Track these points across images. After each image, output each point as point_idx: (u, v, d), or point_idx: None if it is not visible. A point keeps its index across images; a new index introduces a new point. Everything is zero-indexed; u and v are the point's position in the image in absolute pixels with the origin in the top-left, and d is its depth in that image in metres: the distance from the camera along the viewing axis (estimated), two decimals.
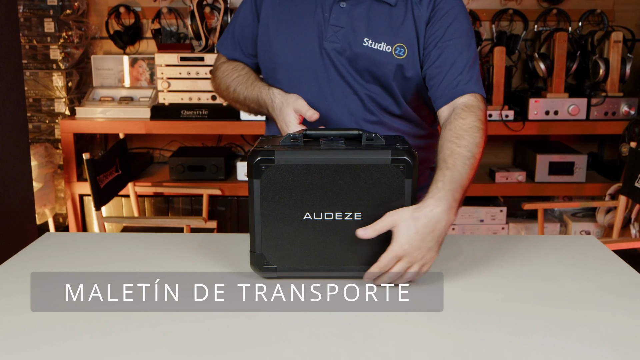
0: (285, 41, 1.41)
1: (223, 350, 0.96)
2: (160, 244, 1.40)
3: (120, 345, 0.96)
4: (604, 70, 3.00)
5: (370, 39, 1.35)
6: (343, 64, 1.38)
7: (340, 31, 1.36)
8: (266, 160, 1.13)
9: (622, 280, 1.22)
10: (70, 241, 1.44)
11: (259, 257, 1.17)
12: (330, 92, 1.40)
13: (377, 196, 1.14)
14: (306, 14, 1.39)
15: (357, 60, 1.37)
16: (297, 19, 1.40)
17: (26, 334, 1.00)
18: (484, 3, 3.36)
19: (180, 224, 2.51)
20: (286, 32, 1.41)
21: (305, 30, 1.39)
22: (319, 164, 1.13)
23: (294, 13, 1.41)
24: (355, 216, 1.15)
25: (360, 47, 1.36)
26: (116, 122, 3.09)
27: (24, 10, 3.13)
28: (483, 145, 1.26)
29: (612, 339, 0.98)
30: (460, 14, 1.37)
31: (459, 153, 1.21)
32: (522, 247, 1.38)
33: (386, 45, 1.35)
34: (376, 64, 1.36)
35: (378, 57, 1.36)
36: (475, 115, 1.29)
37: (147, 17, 3.42)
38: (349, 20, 1.36)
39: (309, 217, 1.16)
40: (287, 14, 1.41)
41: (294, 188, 1.14)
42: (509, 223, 3.22)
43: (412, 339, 0.99)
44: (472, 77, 1.34)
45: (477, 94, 1.34)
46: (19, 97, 2.27)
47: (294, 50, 1.40)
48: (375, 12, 1.37)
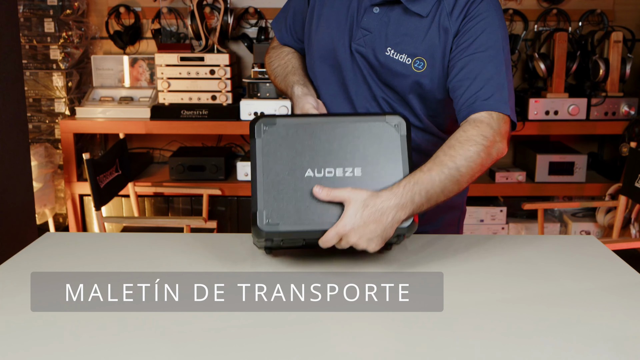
0: (323, 35, 1.43)
1: (223, 350, 0.96)
2: (160, 244, 1.40)
3: (120, 345, 0.96)
4: (604, 70, 3.00)
5: (393, 49, 1.34)
6: (366, 67, 1.39)
7: (368, 36, 1.37)
8: (268, 122, 1.19)
9: (622, 280, 1.22)
10: (70, 241, 1.44)
11: (261, 214, 1.17)
12: (355, 91, 1.42)
13: (376, 152, 1.19)
14: (343, 10, 1.41)
15: (377, 68, 1.37)
16: (335, 15, 1.42)
17: (26, 334, 1.00)
18: None
19: (180, 224, 2.51)
20: (324, 26, 1.43)
21: (339, 27, 1.41)
22: (318, 122, 1.20)
23: (334, 8, 1.43)
24: (355, 172, 1.18)
25: (382, 56, 1.35)
26: (116, 122, 3.09)
27: (24, 10, 3.13)
28: (479, 162, 1.20)
29: (612, 339, 0.98)
30: (493, 24, 1.29)
31: (441, 161, 1.19)
32: (522, 247, 1.38)
33: (407, 57, 1.33)
34: (395, 75, 1.36)
35: (397, 68, 1.34)
36: (479, 130, 1.22)
37: (147, 17, 3.42)
38: (378, 26, 1.36)
39: (311, 174, 1.18)
40: (328, 8, 1.44)
41: (295, 145, 1.18)
42: (509, 223, 3.22)
43: (412, 339, 0.99)
44: (494, 93, 1.25)
45: (494, 112, 1.24)
46: (19, 97, 2.27)
47: (329, 45, 1.43)
48: (404, 22, 1.34)
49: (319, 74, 1.48)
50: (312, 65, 1.50)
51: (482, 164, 1.21)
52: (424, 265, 1.28)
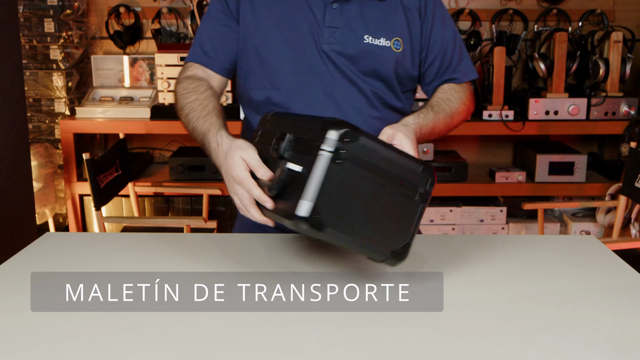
0: (283, 46, 1.38)
1: (223, 350, 0.96)
2: (160, 244, 1.40)
3: (120, 345, 0.96)
4: (604, 70, 3.00)
5: (370, 36, 1.37)
6: (344, 63, 1.38)
7: (337, 32, 1.37)
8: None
9: (622, 280, 1.22)
10: (70, 241, 1.44)
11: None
12: (337, 92, 1.40)
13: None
14: (296, 16, 1.38)
15: (359, 58, 1.38)
16: (290, 22, 1.38)
17: (26, 334, 1.00)
18: (484, 3, 3.36)
19: (180, 224, 2.50)
20: (281, 37, 1.38)
21: (300, 33, 1.38)
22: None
23: (285, 16, 1.38)
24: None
25: (361, 45, 1.37)
26: (116, 122, 3.09)
27: (24, 10, 3.14)
28: (463, 114, 1.46)
29: (612, 339, 0.98)
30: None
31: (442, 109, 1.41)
32: (522, 247, 1.38)
33: (385, 40, 1.38)
34: (378, 60, 1.38)
35: (379, 52, 1.38)
36: (464, 92, 1.48)
37: (147, 17, 3.42)
38: (344, 20, 1.37)
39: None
40: (275, 18, 1.39)
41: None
42: (509, 223, 3.22)
43: (412, 339, 0.99)
44: (462, 59, 1.48)
45: (469, 79, 1.50)
46: (19, 97, 2.27)
47: (294, 54, 1.38)
48: (368, 9, 1.38)
49: (286, 88, 1.40)
50: (271, 82, 1.41)
51: (465, 115, 1.47)
52: (424, 265, 1.28)
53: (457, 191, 3.10)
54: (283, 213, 1.07)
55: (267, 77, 1.41)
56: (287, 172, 1.08)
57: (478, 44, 3.26)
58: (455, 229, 3.18)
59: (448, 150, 3.43)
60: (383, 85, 1.42)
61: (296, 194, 1.04)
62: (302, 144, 1.09)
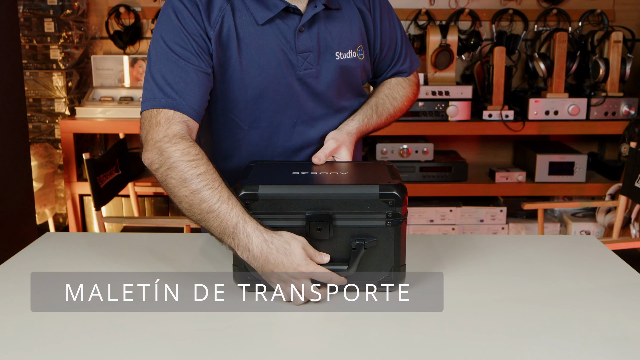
0: (261, 76, 1.30)
1: (223, 350, 0.96)
2: (160, 244, 1.40)
3: (120, 345, 0.96)
4: (604, 70, 3.00)
5: (340, 51, 1.37)
6: (324, 83, 1.36)
7: (309, 56, 1.33)
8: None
9: (622, 280, 1.22)
10: (70, 241, 1.44)
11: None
12: (316, 113, 1.39)
13: None
14: (270, 48, 1.29)
15: (333, 76, 1.36)
16: (263, 57, 1.29)
17: (26, 334, 1.00)
18: (484, 3, 3.36)
19: (180, 224, 2.50)
20: (257, 67, 1.29)
21: (276, 62, 1.30)
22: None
23: (260, 46, 1.29)
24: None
25: (334, 62, 1.35)
26: (116, 122, 3.08)
27: (24, 10, 3.13)
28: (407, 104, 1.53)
29: (612, 339, 0.98)
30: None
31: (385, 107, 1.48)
32: (522, 247, 1.38)
33: (352, 52, 1.39)
34: (349, 72, 1.39)
35: (349, 64, 1.38)
36: (410, 87, 1.54)
37: (147, 17, 3.41)
38: (313, 43, 1.33)
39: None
40: (250, 48, 1.29)
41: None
42: (509, 223, 3.22)
43: (412, 339, 0.99)
44: (408, 52, 1.52)
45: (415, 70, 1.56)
46: (19, 97, 2.27)
47: (274, 84, 1.31)
48: (330, 25, 1.35)
49: (265, 116, 1.35)
50: (254, 109, 1.34)
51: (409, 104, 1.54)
52: (424, 265, 1.28)
53: (457, 191, 3.10)
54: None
55: (251, 106, 1.33)
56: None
57: (478, 44, 3.26)
58: (455, 229, 3.19)
59: (448, 150, 3.43)
60: (355, 95, 1.45)
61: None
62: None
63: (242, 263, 1.12)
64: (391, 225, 1.11)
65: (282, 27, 1.30)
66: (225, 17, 1.27)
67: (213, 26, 1.25)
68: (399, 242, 1.12)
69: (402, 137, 3.16)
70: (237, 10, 1.28)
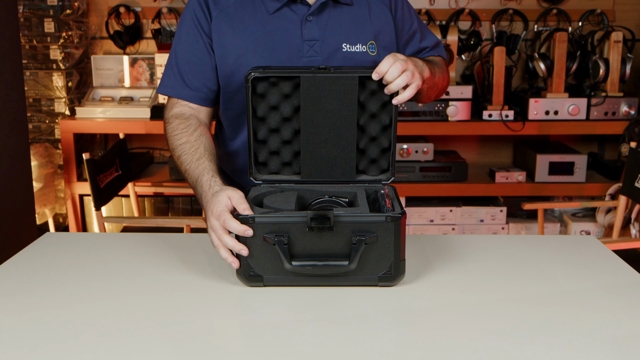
0: (268, 62, 1.37)
1: (223, 350, 0.96)
2: (160, 244, 1.41)
3: (120, 345, 0.96)
4: (604, 70, 3.00)
5: (348, 44, 1.40)
6: None
7: (315, 44, 1.38)
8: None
9: (622, 280, 1.22)
10: (70, 241, 1.44)
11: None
12: None
13: None
14: (279, 32, 1.37)
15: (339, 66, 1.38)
16: (273, 39, 1.37)
17: (26, 334, 1.00)
18: (484, 3, 3.36)
19: (180, 224, 2.51)
20: (264, 53, 1.37)
21: (283, 48, 1.37)
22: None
23: (268, 33, 1.37)
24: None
25: (340, 53, 1.39)
26: (116, 122, 3.09)
27: (24, 10, 3.13)
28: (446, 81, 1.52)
29: (612, 339, 0.98)
30: None
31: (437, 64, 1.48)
32: (522, 247, 1.39)
33: (362, 46, 1.41)
34: (356, 65, 1.40)
35: (357, 58, 1.40)
36: (444, 66, 1.54)
37: (147, 17, 3.42)
38: (320, 32, 1.38)
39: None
40: (252, 39, 1.37)
41: None
42: (509, 223, 3.22)
43: (412, 338, 0.99)
44: (426, 33, 1.55)
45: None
46: (19, 97, 2.27)
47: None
48: (342, 17, 1.40)
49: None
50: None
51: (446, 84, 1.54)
52: (424, 265, 1.28)
53: (457, 191, 3.10)
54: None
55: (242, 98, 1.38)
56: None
57: (478, 44, 3.26)
58: (455, 229, 3.19)
59: (448, 150, 3.43)
60: None
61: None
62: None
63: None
64: (391, 220, 1.12)
65: (290, 15, 1.38)
66: (234, 6, 1.39)
67: (219, 15, 1.39)
68: (399, 237, 1.13)
69: (402, 137, 3.16)
70: (247, 1, 1.39)
